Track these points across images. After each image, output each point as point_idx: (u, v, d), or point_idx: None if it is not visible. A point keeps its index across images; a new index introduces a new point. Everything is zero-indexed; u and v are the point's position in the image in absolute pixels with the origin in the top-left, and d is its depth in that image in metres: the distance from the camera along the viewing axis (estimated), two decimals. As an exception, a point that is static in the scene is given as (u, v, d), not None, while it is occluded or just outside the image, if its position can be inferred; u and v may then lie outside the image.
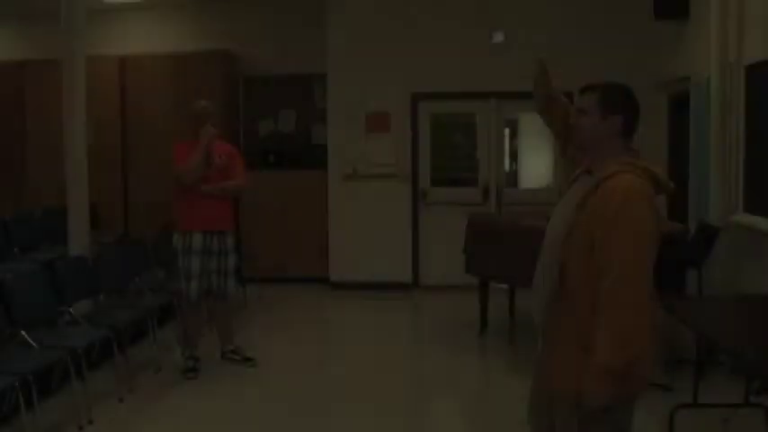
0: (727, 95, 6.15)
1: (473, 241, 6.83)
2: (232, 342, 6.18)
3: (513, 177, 9.58)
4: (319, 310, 8.47)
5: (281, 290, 8.80)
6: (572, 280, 2.66)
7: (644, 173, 2.67)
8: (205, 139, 5.73)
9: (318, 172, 9.11)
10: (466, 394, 5.80)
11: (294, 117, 9.71)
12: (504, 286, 7.54)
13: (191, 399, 5.40)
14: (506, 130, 9.16)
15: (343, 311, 8.50)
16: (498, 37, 8.53)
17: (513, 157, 9.61)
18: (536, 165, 9.52)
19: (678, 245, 5.61)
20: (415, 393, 5.83)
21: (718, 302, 5.07)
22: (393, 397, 5.50)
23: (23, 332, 4.89)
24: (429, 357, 6.66)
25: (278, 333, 7.28)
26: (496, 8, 8.62)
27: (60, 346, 4.81)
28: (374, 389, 5.65)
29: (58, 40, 6.45)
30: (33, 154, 9.54)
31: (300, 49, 9.41)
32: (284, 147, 9.50)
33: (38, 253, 7.80)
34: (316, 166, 9.24)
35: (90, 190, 6.67)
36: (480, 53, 8.65)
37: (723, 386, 5.24)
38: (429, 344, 7.09)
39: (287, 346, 6.81)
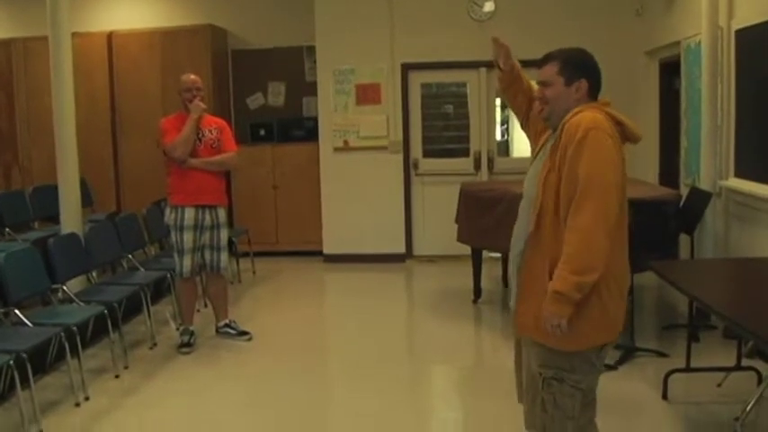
0: (718, 60, 6.13)
1: (466, 210, 6.83)
2: (227, 316, 6.18)
3: (504, 146, 9.57)
4: (313, 282, 8.47)
5: (274, 263, 8.80)
6: (545, 225, 2.71)
7: (605, 114, 2.70)
8: (195, 114, 5.69)
9: (309, 145, 9.08)
10: (460, 362, 5.82)
11: (284, 90, 9.67)
12: (497, 255, 7.58)
13: (186, 374, 5.40)
14: (497, 100, 9.12)
15: (337, 283, 8.52)
16: (488, 6, 8.53)
17: (505, 126, 9.59)
18: (527, 133, 9.48)
19: (670, 211, 5.62)
20: (410, 362, 5.85)
21: (710, 267, 5.09)
22: (388, 366, 5.52)
23: (17, 311, 4.89)
24: (423, 327, 6.68)
25: (272, 307, 7.29)
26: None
27: (54, 324, 4.80)
28: (369, 359, 5.67)
29: (45, 17, 6.38)
30: (23, 132, 9.50)
31: (289, 22, 9.35)
32: (274, 120, 9.45)
33: (30, 231, 7.78)
34: (307, 138, 9.21)
35: (80, 167, 6.63)
36: (470, 22, 8.60)
37: (716, 350, 5.28)
38: (423, 314, 7.12)
39: (282, 320, 6.82)
